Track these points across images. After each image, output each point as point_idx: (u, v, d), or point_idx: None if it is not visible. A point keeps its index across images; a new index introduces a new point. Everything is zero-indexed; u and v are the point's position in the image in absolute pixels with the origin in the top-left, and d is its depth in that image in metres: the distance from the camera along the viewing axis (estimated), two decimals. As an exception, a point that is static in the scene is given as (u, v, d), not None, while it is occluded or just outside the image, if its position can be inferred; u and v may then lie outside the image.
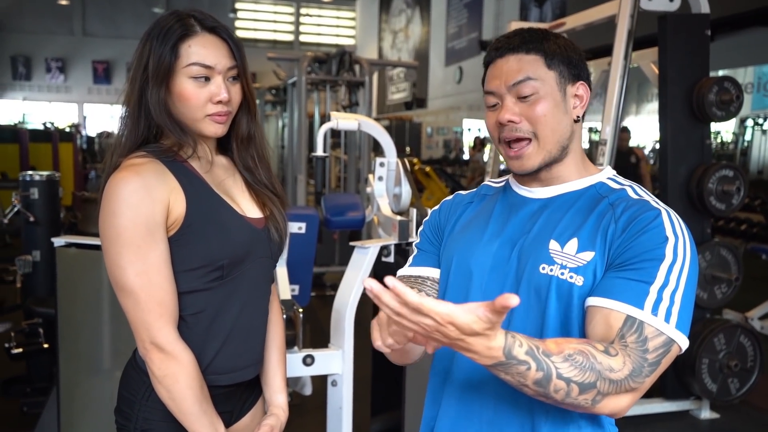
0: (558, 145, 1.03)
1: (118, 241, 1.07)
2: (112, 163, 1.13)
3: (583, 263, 0.96)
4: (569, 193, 1.05)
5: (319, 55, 6.55)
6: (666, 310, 0.90)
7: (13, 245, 7.20)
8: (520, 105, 1.01)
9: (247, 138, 1.24)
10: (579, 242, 0.97)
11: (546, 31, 1.06)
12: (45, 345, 3.18)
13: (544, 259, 0.98)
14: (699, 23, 3.25)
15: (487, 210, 1.13)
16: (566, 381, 0.83)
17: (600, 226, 0.98)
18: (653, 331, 0.89)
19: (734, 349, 3.20)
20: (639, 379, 0.87)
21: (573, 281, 0.96)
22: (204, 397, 1.13)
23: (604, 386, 0.85)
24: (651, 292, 0.90)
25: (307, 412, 3.04)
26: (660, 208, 0.97)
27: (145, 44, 1.12)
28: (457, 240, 1.12)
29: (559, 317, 0.97)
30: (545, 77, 1.01)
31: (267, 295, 1.29)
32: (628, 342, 0.89)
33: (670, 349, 0.90)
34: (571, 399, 0.85)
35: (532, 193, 1.08)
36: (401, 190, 2.64)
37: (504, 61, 1.03)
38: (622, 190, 1.03)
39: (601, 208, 1.00)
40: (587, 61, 1.08)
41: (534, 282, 0.99)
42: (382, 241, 2.29)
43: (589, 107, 1.09)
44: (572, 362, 0.83)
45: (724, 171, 3.21)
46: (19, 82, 21.32)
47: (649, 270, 0.91)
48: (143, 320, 1.09)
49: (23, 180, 3.79)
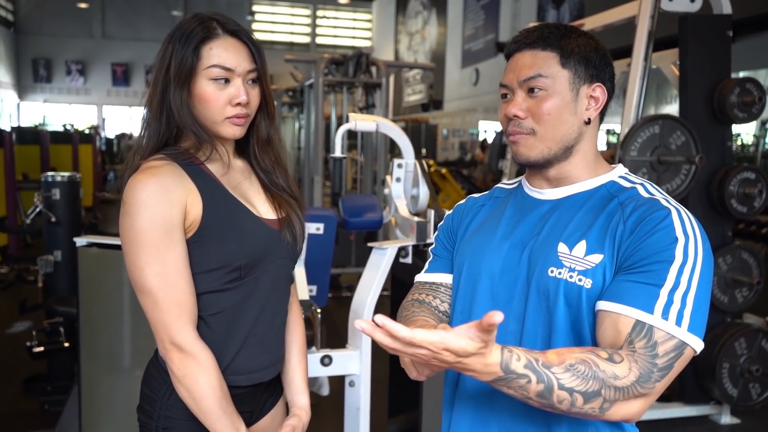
0: (560, 144, 1.02)
1: (136, 242, 1.08)
2: (132, 165, 1.15)
3: (591, 266, 0.95)
4: (579, 194, 1.04)
5: (336, 57, 6.57)
6: (677, 313, 0.89)
7: (34, 245, 7.31)
8: (528, 101, 1.02)
9: (266, 141, 1.26)
10: (588, 244, 0.97)
11: (570, 28, 1.04)
12: (66, 344, 3.22)
13: (553, 262, 0.98)
14: (720, 24, 3.21)
15: (499, 212, 1.13)
16: (569, 391, 0.83)
17: (609, 227, 0.97)
18: (664, 335, 0.88)
19: (756, 354, 3.15)
20: (648, 385, 0.87)
21: (582, 284, 0.95)
22: (224, 396, 1.14)
23: (609, 394, 0.84)
24: (661, 296, 0.89)
25: (324, 413, 3.04)
26: (670, 207, 0.95)
27: (167, 47, 1.14)
28: (469, 243, 1.12)
29: (569, 321, 0.97)
30: (557, 75, 1.00)
31: (286, 296, 1.29)
32: (636, 347, 0.88)
33: (682, 352, 0.89)
34: (577, 409, 0.85)
35: (543, 195, 1.07)
36: (419, 191, 2.64)
37: (520, 56, 1.04)
38: (633, 189, 1.02)
39: (611, 208, 0.99)
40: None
41: (543, 285, 0.98)
42: (400, 242, 2.29)
43: (608, 109, 1.07)
44: (574, 372, 0.83)
45: (746, 173, 3.17)
46: (39, 84, 21.63)
47: (659, 272, 0.90)
48: (162, 320, 1.10)
49: (45, 181, 3.85)
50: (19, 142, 7.89)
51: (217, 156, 1.18)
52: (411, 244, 2.28)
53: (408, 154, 2.70)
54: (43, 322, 3.34)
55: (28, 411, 3.26)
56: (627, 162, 2.99)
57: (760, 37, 7.54)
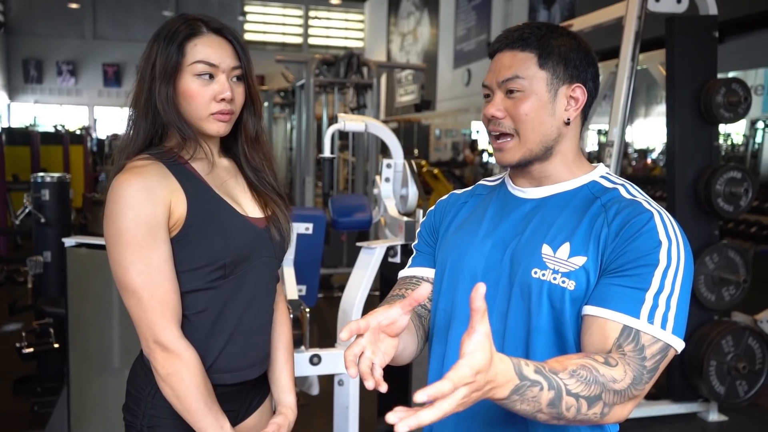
0: (540, 145, 1.03)
1: (120, 241, 1.09)
2: (117, 165, 1.15)
3: (575, 268, 0.96)
4: (562, 194, 1.05)
5: (327, 57, 6.58)
6: (662, 317, 0.90)
7: (24, 246, 7.27)
8: (506, 101, 1.03)
9: (254, 138, 1.26)
10: (571, 246, 0.97)
11: (552, 28, 1.05)
12: (56, 345, 3.21)
13: (536, 263, 0.98)
14: (707, 25, 3.24)
15: (481, 210, 1.13)
16: (575, 397, 0.83)
17: (593, 229, 0.97)
18: (650, 338, 0.90)
19: (742, 352, 3.18)
20: (640, 387, 0.88)
21: (565, 286, 0.96)
22: (209, 394, 1.14)
23: (609, 398, 0.86)
24: (647, 300, 0.91)
25: (313, 412, 3.05)
26: (652, 210, 0.97)
27: (152, 45, 1.15)
28: (451, 241, 1.13)
29: (552, 322, 0.97)
30: (534, 76, 1.01)
31: (272, 295, 1.30)
32: (626, 351, 0.89)
33: (667, 354, 0.91)
34: (581, 415, 0.85)
35: (525, 194, 1.08)
36: (408, 191, 2.66)
37: (500, 56, 1.05)
38: (615, 190, 1.03)
39: (594, 210, 1.00)
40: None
41: (526, 286, 0.99)
42: (389, 241, 2.30)
43: (597, 109, 1.08)
44: (578, 378, 0.84)
45: (732, 173, 3.20)
46: (30, 85, 21.49)
47: (644, 276, 0.91)
48: (146, 319, 1.10)
49: (35, 182, 3.84)
50: (9, 143, 7.86)
51: (202, 154, 1.19)
52: (400, 244, 2.30)
53: (397, 154, 2.72)
54: (33, 323, 3.33)
55: (17, 412, 3.25)
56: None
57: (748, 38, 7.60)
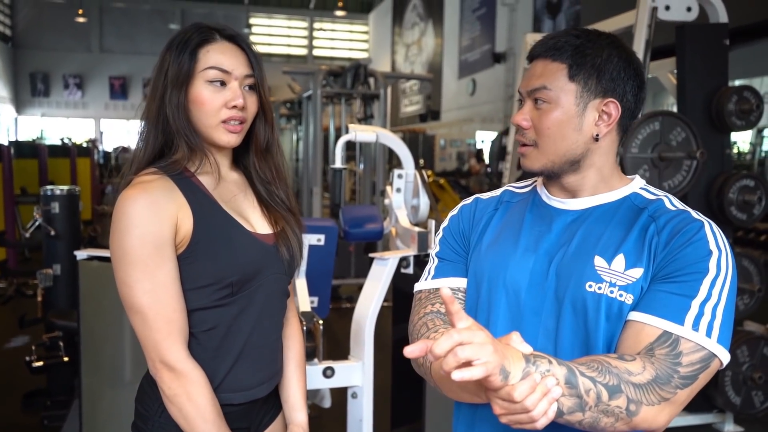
0: (563, 159, 0.99)
1: (125, 259, 1.07)
2: (125, 179, 1.13)
3: (632, 281, 0.93)
4: (605, 205, 1.01)
5: (334, 68, 6.61)
6: (708, 325, 0.88)
7: (32, 259, 7.28)
8: (534, 111, 1.01)
9: (265, 149, 1.23)
10: (626, 258, 0.94)
11: (592, 37, 1.00)
12: (65, 358, 3.20)
13: (590, 276, 0.95)
14: (717, 33, 3.23)
15: (516, 220, 1.08)
16: (591, 380, 0.82)
17: (645, 240, 0.95)
18: (693, 346, 0.88)
19: (758, 362, 3.14)
20: (668, 388, 0.85)
21: (623, 299, 0.93)
22: (217, 415, 1.11)
23: (630, 391, 0.83)
24: (692, 307, 0.89)
25: (326, 425, 3.02)
26: (702, 220, 0.95)
27: (165, 54, 1.14)
28: (488, 254, 1.07)
29: (608, 337, 0.94)
30: (563, 88, 0.98)
31: (282, 311, 1.26)
32: (656, 353, 0.87)
33: (709, 364, 0.89)
34: (603, 405, 0.83)
35: (565, 204, 1.04)
36: (419, 201, 2.65)
37: (535, 63, 1.02)
38: (659, 200, 1.00)
39: (643, 220, 0.97)
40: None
41: (580, 300, 0.95)
42: (402, 252, 2.29)
43: (635, 122, 1.05)
44: (588, 366, 0.83)
45: (745, 181, 3.18)
46: (37, 98, 21.67)
47: (692, 284, 0.90)
48: (152, 339, 1.08)
49: (44, 194, 3.85)
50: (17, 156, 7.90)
51: (209, 167, 1.16)
52: (412, 255, 2.28)
53: (408, 164, 2.71)
54: (43, 337, 3.32)
55: (27, 426, 3.24)
56: (628, 159, 2.98)
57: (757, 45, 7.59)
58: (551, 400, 0.77)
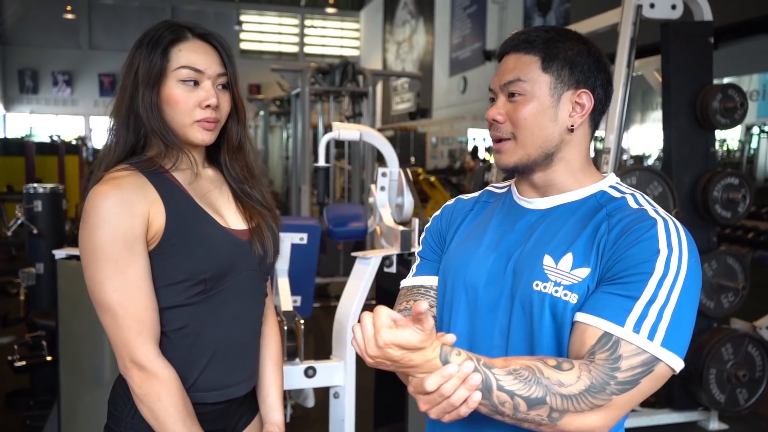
0: (540, 150, 0.99)
1: (95, 256, 1.05)
2: (96, 176, 1.12)
3: (578, 280, 0.92)
4: (569, 204, 1.01)
5: (322, 66, 6.58)
6: (651, 327, 0.86)
7: (18, 257, 7.23)
8: (508, 105, 1.01)
9: (237, 147, 1.23)
10: (574, 258, 0.94)
11: (561, 32, 1.01)
12: (48, 358, 3.17)
13: (538, 275, 0.95)
14: (702, 31, 3.24)
15: (486, 219, 1.09)
16: (509, 394, 0.82)
17: (595, 238, 0.94)
18: (633, 349, 0.85)
19: (742, 359, 3.16)
20: (602, 396, 0.84)
21: (567, 299, 0.92)
22: (188, 414, 1.10)
23: (556, 402, 0.83)
24: (635, 308, 0.87)
25: (309, 425, 3.01)
26: (657, 217, 0.93)
27: (135, 52, 1.12)
28: (455, 252, 1.09)
29: (554, 336, 0.94)
30: (537, 80, 0.98)
31: (258, 309, 1.25)
32: (596, 359, 0.86)
33: (652, 368, 0.86)
34: (522, 414, 0.83)
35: (531, 204, 1.04)
36: (403, 200, 2.63)
37: (506, 59, 1.03)
38: (622, 199, 0.99)
39: (598, 218, 0.96)
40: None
41: (527, 299, 0.95)
42: (384, 251, 2.28)
43: (604, 116, 1.05)
44: (516, 376, 0.83)
45: (729, 179, 3.19)
46: (26, 95, 21.48)
47: (637, 284, 0.88)
48: (122, 337, 1.06)
49: (27, 192, 3.81)
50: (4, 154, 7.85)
51: (185, 164, 1.15)
52: (395, 253, 2.27)
53: (392, 162, 2.69)
54: (25, 336, 3.29)
55: (10, 426, 3.21)
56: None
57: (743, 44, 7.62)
58: (471, 388, 0.80)
